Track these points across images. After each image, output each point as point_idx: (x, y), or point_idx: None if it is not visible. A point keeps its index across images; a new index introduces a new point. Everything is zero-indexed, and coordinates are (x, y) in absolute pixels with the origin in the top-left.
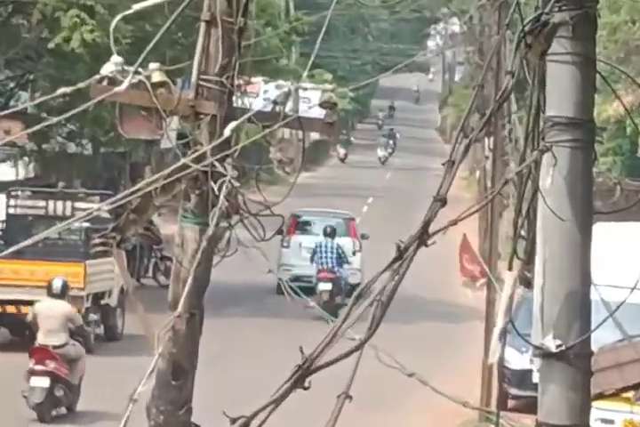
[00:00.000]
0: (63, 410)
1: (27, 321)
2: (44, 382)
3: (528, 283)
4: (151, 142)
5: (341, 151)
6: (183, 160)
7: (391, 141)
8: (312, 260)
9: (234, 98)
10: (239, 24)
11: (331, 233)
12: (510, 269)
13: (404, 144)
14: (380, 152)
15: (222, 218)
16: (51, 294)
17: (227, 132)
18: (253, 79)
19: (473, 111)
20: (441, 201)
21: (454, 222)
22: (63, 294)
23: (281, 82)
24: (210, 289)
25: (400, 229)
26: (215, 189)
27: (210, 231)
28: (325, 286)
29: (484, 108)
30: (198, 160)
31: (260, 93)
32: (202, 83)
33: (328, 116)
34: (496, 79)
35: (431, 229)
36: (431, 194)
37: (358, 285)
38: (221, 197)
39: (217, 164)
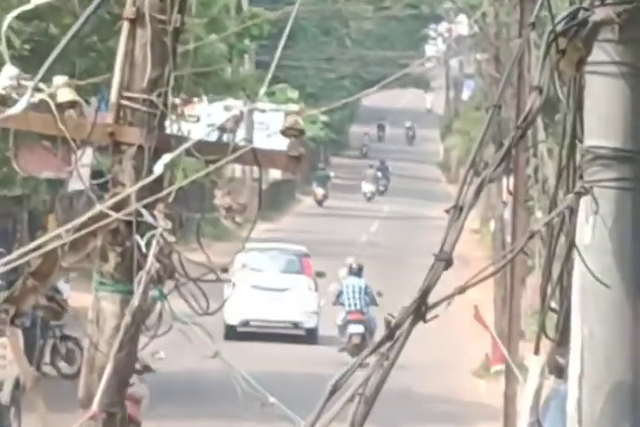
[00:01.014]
0: None
1: None
2: None
3: (560, 371)
4: (56, 183)
5: (319, 191)
6: (99, 206)
7: (380, 174)
8: (337, 301)
9: (167, 123)
10: (174, 23)
11: (357, 272)
12: (537, 352)
13: (396, 184)
14: (366, 187)
15: (152, 285)
16: None
17: (158, 168)
18: (193, 98)
19: (487, 141)
20: (445, 261)
21: (462, 290)
22: None
23: (230, 101)
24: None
25: (390, 298)
26: (142, 245)
27: (135, 302)
28: (357, 329)
29: (501, 136)
30: (119, 207)
31: (203, 117)
32: (124, 102)
33: (293, 148)
34: (517, 98)
35: (431, 298)
36: (431, 251)
37: (313, 330)
38: (150, 256)
39: (144, 211)
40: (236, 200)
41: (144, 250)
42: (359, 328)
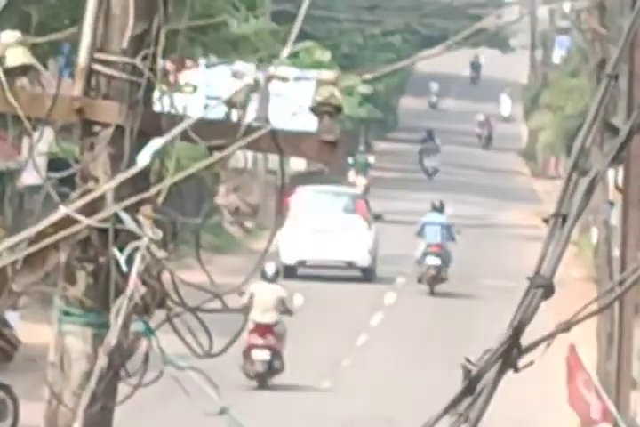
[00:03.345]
0: None
1: None
2: None
3: None
4: (4, 176)
5: (360, 181)
6: (63, 209)
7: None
8: (419, 234)
9: (155, 95)
10: None
11: (439, 208)
12: None
13: (462, 179)
14: (428, 162)
15: (135, 316)
16: None
17: (143, 158)
18: (189, 61)
19: (597, 123)
20: (543, 287)
21: (565, 328)
22: None
23: (239, 65)
24: None
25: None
26: (122, 262)
27: (112, 339)
28: (434, 261)
29: (607, 114)
30: (91, 210)
31: (201, 86)
32: (97, 67)
33: (327, 129)
34: (630, 63)
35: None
36: (510, 273)
37: (368, 269)
38: (133, 276)
39: (125, 216)
40: (245, 199)
41: (124, 268)
42: (436, 260)
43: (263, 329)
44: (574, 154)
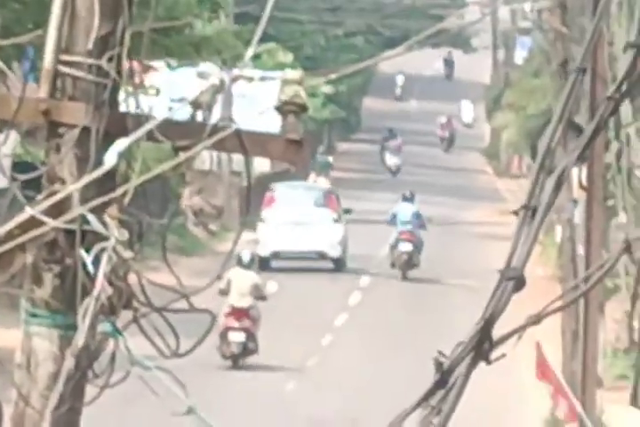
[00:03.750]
0: None
1: None
2: None
3: None
4: None
5: (321, 182)
6: (29, 211)
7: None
8: (391, 222)
9: (121, 97)
10: None
11: (410, 197)
12: (634, 403)
13: (425, 179)
14: (390, 159)
15: (102, 317)
16: None
17: (109, 159)
18: (153, 63)
19: (564, 118)
20: (514, 280)
21: (535, 320)
22: None
23: (205, 65)
24: None
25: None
26: (89, 263)
27: (79, 341)
28: (406, 247)
29: (572, 112)
30: (57, 211)
31: (163, 87)
32: (63, 69)
33: (293, 129)
34: (593, 61)
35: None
36: (475, 269)
37: (339, 260)
38: (100, 277)
39: (91, 217)
40: (210, 201)
41: (91, 269)
42: (408, 246)
43: (239, 313)
44: (541, 152)
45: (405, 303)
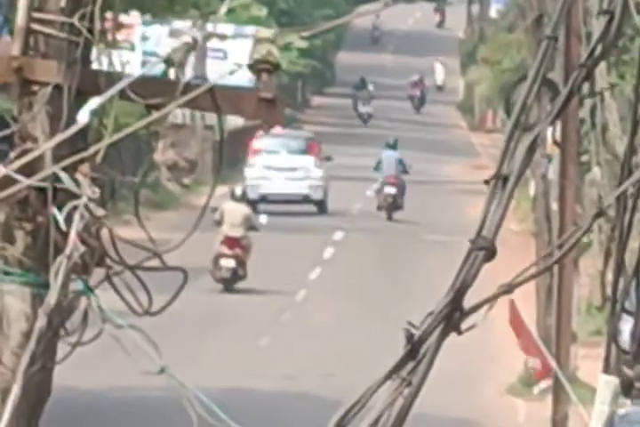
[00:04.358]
0: None
1: None
2: None
3: (629, 390)
4: None
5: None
6: (2, 169)
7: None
8: (377, 168)
9: (93, 54)
10: None
11: (393, 145)
12: (606, 370)
13: (399, 133)
14: (363, 108)
15: (74, 275)
16: None
17: (82, 117)
18: (126, 17)
19: (535, 82)
20: (484, 249)
21: (507, 290)
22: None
23: (178, 23)
24: (58, 409)
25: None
26: (61, 220)
27: (52, 299)
28: (390, 190)
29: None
30: (30, 169)
31: (138, 42)
32: (35, 27)
33: (266, 87)
34: (567, 25)
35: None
36: (452, 227)
37: (322, 202)
38: (72, 235)
39: (63, 175)
40: (183, 155)
41: (63, 227)
42: (393, 190)
43: (231, 242)
44: (515, 113)
45: (380, 244)
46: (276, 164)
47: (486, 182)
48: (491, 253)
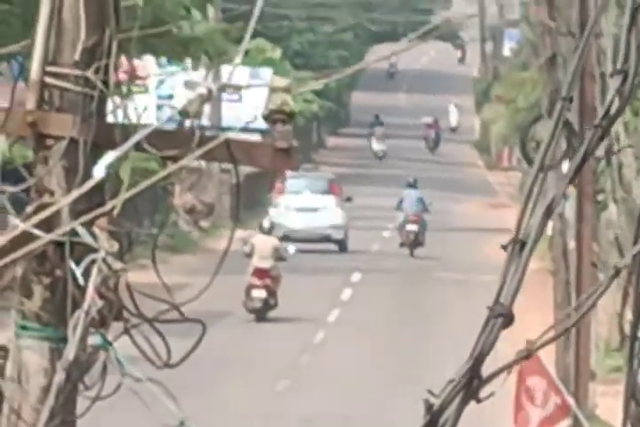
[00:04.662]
0: None
1: None
2: None
3: None
4: None
5: None
6: (18, 224)
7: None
8: (398, 207)
9: (109, 107)
10: None
11: (414, 184)
12: (627, 410)
13: (414, 173)
14: (376, 145)
15: (92, 329)
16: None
17: (98, 171)
18: (140, 62)
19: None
20: (502, 316)
21: (526, 355)
22: None
23: (193, 74)
24: None
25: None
26: (79, 275)
27: (70, 354)
28: (412, 227)
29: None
30: (47, 224)
31: (151, 88)
32: (50, 80)
33: (281, 137)
34: (581, 75)
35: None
36: (466, 266)
37: (342, 241)
38: (90, 289)
39: (82, 230)
40: (200, 199)
41: (81, 282)
42: (415, 227)
43: (261, 273)
44: (534, 172)
45: (398, 284)
46: (300, 204)
47: (503, 248)
48: (508, 320)
